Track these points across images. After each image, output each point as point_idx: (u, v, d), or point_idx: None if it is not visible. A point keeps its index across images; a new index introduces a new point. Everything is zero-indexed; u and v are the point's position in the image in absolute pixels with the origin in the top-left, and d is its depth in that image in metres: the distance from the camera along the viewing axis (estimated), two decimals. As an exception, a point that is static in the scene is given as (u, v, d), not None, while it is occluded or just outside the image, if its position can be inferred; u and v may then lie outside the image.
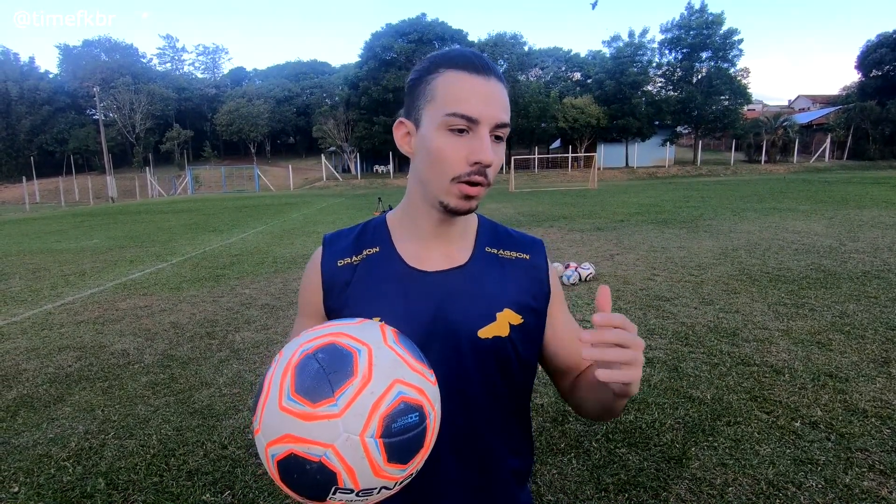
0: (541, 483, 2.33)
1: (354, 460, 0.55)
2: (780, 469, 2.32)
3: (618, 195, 19.70)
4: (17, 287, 6.91)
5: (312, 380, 0.57)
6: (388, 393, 0.57)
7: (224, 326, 4.79)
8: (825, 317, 4.34)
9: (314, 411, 0.55)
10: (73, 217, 20.19)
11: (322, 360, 0.58)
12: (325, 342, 0.61)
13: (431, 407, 0.62)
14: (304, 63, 66.35)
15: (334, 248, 0.89)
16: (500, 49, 42.14)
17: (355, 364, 0.58)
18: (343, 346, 0.60)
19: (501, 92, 0.76)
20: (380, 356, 0.60)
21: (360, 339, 0.61)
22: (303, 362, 0.59)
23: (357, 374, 0.57)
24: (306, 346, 0.61)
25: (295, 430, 0.56)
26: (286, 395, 0.57)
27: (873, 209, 11.43)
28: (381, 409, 0.56)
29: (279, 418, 0.57)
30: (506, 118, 0.76)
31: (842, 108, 41.48)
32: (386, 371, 0.59)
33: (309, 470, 0.56)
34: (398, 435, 0.57)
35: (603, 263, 6.85)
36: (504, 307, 0.84)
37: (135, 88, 50.43)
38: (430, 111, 0.76)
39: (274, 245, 9.91)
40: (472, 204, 0.78)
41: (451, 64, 0.75)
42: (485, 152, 0.73)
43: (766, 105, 66.43)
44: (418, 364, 0.63)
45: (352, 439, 0.55)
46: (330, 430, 0.55)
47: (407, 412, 0.58)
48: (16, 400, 3.39)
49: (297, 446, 0.56)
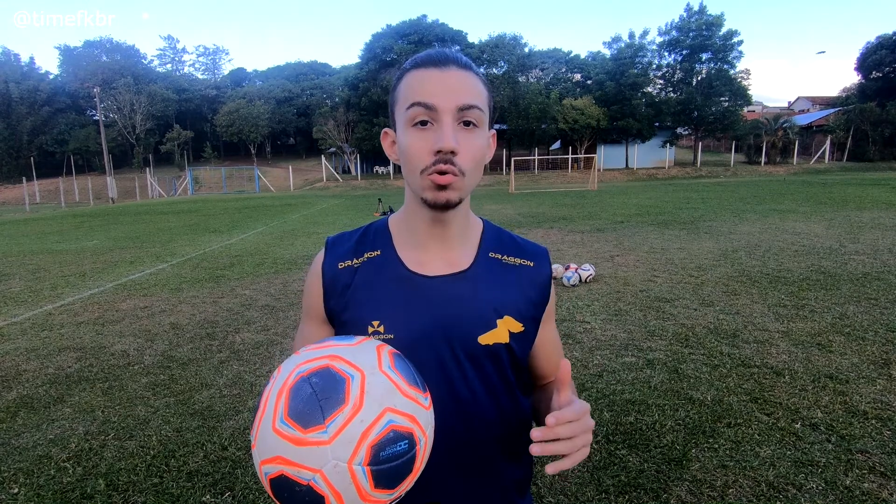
0: (541, 485, 2.33)
1: (342, 486, 0.57)
2: (781, 471, 2.32)
3: (618, 196, 19.71)
4: (17, 288, 6.91)
5: (304, 404, 0.58)
6: (378, 421, 0.58)
7: (224, 327, 4.79)
8: (825, 318, 4.34)
9: (304, 437, 0.57)
10: (74, 218, 20.19)
11: (315, 384, 0.60)
12: (320, 365, 0.62)
13: (423, 433, 0.63)
14: (305, 64, 66.41)
15: (336, 251, 0.89)
16: (501, 50, 42.13)
17: (347, 391, 0.59)
18: (337, 372, 0.61)
19: (462, 78, 0.75)
20: (372, 383, 0.61)
21: (355, 363, 0.62)
22: (297, 385, 0.60)
23: (348, 401, 0.58)
24: (302, 367, 0.62)
25: (286, 454, 0.57)
26: (279, 417, 0.59)
27: (873, 210, 11.43)
28: (370, 438, 0.58)
29: (272, 439, 0.59)
30: (470, 100, 0.74)
31: (842, 110, 41.47)
32: (377, 399, 0.59)
33: (298, 492, 0.57)
34: (386, 462, 0.58)
35: (603, 265, 6.86)
36: (505, 314, 0.83)
37: (136, 89, 50.43)
38: (399, 113, 0.77)
39: (274, 246, 9.91)
40: (448, 195, 0.75)
41: (414, 65, 0.77)
42: (444, 139, 0.72)
43: (766, 106, 66.48)
44: (411, 389, 0.64)
45: (340, 466, 0.56)
46: (319, 456, 0.56)
47: (396, 440, 0.59)
48: (16, 401, 3.38)
49: (288, 469, 0.57)
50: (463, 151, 0.74)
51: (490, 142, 0.83)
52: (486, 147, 0.79)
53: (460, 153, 0.73)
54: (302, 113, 56.55)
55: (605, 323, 4.51)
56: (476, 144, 0.76)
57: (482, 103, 0.76)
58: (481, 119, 0.76)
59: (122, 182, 41.25)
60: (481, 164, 0.78)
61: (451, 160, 0.73)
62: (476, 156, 0.76)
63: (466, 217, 0.87)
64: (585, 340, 4.10)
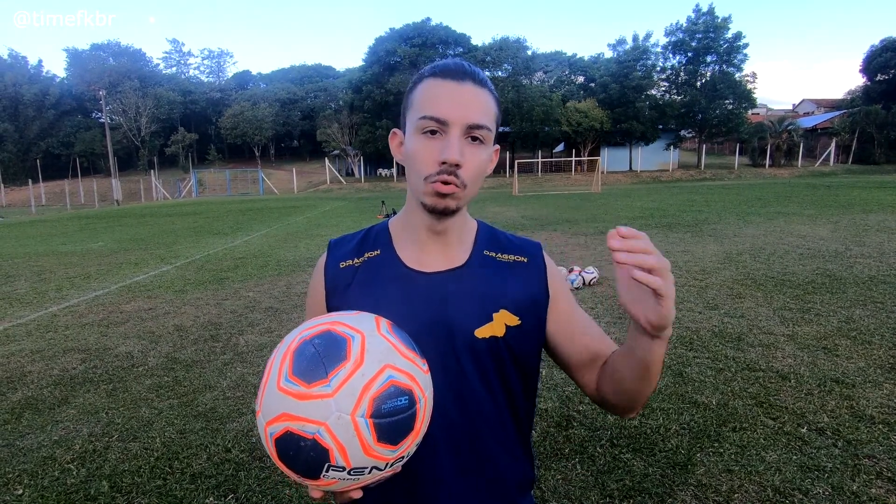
0: (545, 488, 2.32)
1: (346, 438, 0.58)
2: (787, 476, 2.30)
3: (621, 199, 19.68)
4: (22, 289, 6.94)
5: (308, 363, 0.61)
6: (379, 376, 0.61)
7: (228, 329, 4.80)
8: (831, 322, 4.31)
9: (308, 391, 0.59)
10: (79, 220, 20.30)
11: (318, 345, 0.62)
12: (321, 329, 0.65)
13: (422, 393, 0.65)
14: (309, 67, 66.68)
15: (337, 252, 0.93)
16: (504, 53, 42.20)
17: (349, 349, 0.61)
18: (338, 333, 0.64)
19: (477, 95, 0.78)
20: (372, 342, 0.63)
21: (355, 327, 0.65)
22: (300, 347, 0.63)
23: (350, 358, 0.61)
24: (304, 333, 0.65)
25: (291, 409, 0.59)
26: (284, 376, 0.61)
27: (879, 213, 11.36)
28: (372, 391, 0.60)
29: (277, 398, 0.61)
30: (479, 119, 0.77)
31: (847, 112, 41.32)
32: (377, 356, 0.62)
33: (303, 447, 0.59)
34: (388, 416, 0.60)
35: (607, 268, 6.83)
36: (501, 308, 0.85)
37: (142, 92, 50.73)
38: (410, 118, 0.81)
39: (278, 248, 9.93)
40: (448, 203, 0.78)
41: (431, 73, 0.80)
42: (450, 151, 0.75)
43: (771, 109, 66.35)
44: (409, 352, 0.66)
45: (343, 418, 0.58)
46: (323, 408, 0.58)
47: (396, 395, 0.61)
48: (20, 402, 3.40)
49: (293, 424, 0.59)
50: (467, 165, 0.77)
51: (493, 155, 0.87)
52: (488, 161, 0.83)
53: (464, 167, 0.77)
54: (306, 115, 56.74)
55: (609, 326, 4.50)
56: (480, 159, 0.79)
57: (491, 122, 0.80)
58: (488, 137, 0.80)
59: (127, 184, 41.47)
60: (482, 176, 0.82)
61: (455, 172, 0.76)
62: (478, 169, 0.80)
63: (464, 219, 0.90)
64: (589, 343, 4.08)
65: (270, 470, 2.53)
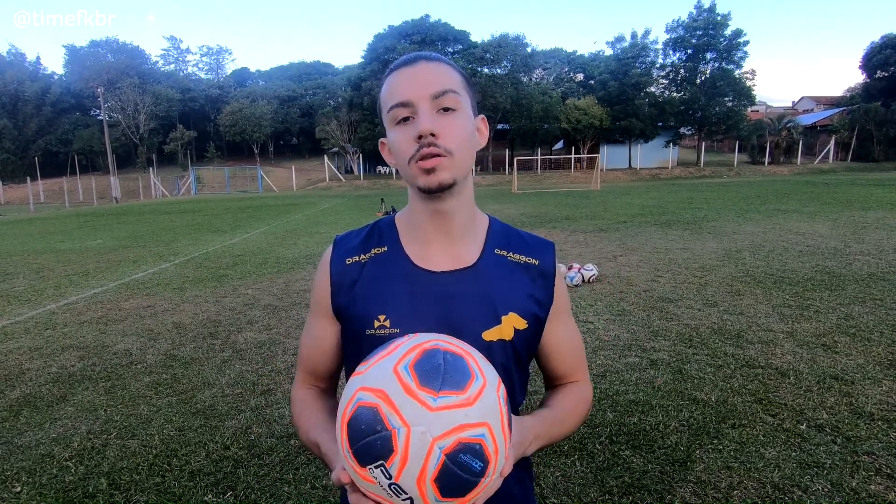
0: (544, 485, 2.32)
1: (415, 454, 0.57)
2: (786, 472, 2.30)
3: (621, 196, 19.67)
4: (20, 287, 6.93)
5: (431, 369, 0.60)
6: (476, 428, 0.59)
7: (226, 327, 4.79)
8: (830, 319, 4.31)
9: (416, 391, 0.58)
10: (77, 217, 20.27)
11: (447, 360, 0.62)
12: (458, 352, 0.65)
13: (494, 471, 0.62)
14: (308, 64, 66.49)
15: (343, 248, 0.91)
16: (504, 50, 42.08)
17: (469, 385, 0.61)
18: (468, 367, 0.63)
19: (432, 68, 0.78)
20: (489, 395, 0.62)
21: (484, 372, 0.64)
22: (432, 351, 0.63)
23: (465, 393, 0.60)
24: (441, 343, 0.66)
25: (392, 393, 0.59)
26: (405, 364, 0.61)
27: (878, 211, 11.37)
28: (462, 435, 0.58)
29: (387, 375, 0.60)
30: (441, 87, 0.76)
31: (846, 110, 41.33)
32: (485, 410, 0.61)
33: (378, 431, 0.58)
34: (458, 467, 0.58)
35: (606, 265, 6.83)
36: (510, 311, 0.84)
37: (140, 89, 50.59)
38: (385, 118, 0.81)
39: (277, 246, 9.92)
40: (439, 176, 0.76)
41: (389, 70, 0.81)
42: (421, 124, 0.74)
43: (770, 106, 66.24)
44: (508, 429, 0.65)
45: (426, 436, 0.57)
46: (417, 414, 0.57)
47: (477, 456, 0.59)
48: (19, 399, 3.39)
49: (385, 406, 0.58)
50: (444, 133, 0.76)
51: (481, 126, 0.85)
52: (470, 128, 0.80)
53: (441, 135, 0.75)
54: (305, 113, 56.60)
55: (609, 323, 4.50)
56: (457, 124, 0.77)
57: (456, 87, 0.78)
58: (458, 102, 0.78)
59: (126, 182, 41.37)
60: (468, 144, 0.80)
61: (434, 143, 0.75)
62: (461, 135, 0.78)
63: (471, 211, 0.87)
64: (589, 341, 4.09)
65: (269, 467, 2.53)
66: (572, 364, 0.95)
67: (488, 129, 0.87)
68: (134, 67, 55.56)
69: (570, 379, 0.95)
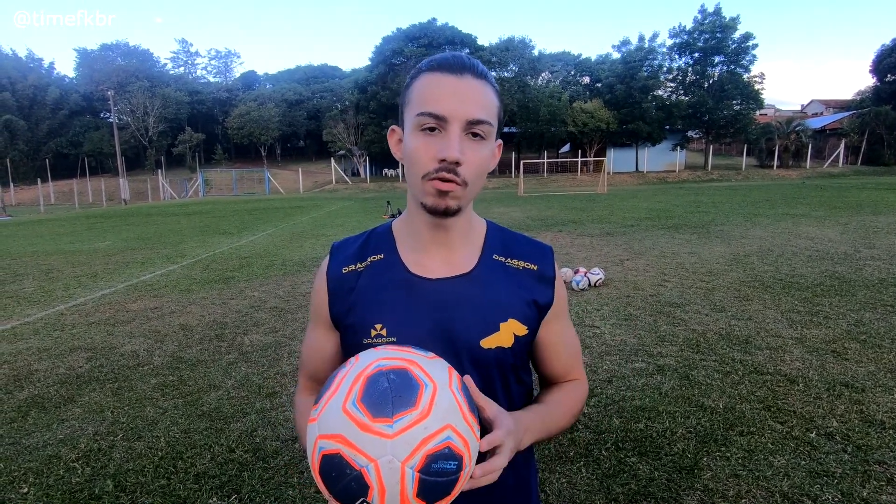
0: (549, 492, 2.30)
1: (389, 483, 0.59)
2: (795, 481, 2.27)
3: (628, 200, 19.59)
4: (30, 288, 6.99)
5: (378, 396, 0.61)
6: (439, 434, 0.60)
7: (233, 329, 4.81)
8: (840, 325, 4.26)
9: (371, 424, 0.59)
10: (86, 219, 20.46)
11: (392, 381, 0.62)
12: (399, 366, 0.65)
13: (470, 461, 0.64)
14: (315, 67, 66.87)
15: (340, 256, 0.90)
16: (510, 53, 42.14)
17: (419, 396, 0.61)
18: (414, 377, 0.63)
19: (477, 88, 0.75)
20: (442, 397, 0.63)
21: (430, 374, 0.65)
22: (375, 376, 0.63)
23: (418, 406, 0.61)
24: (382, 362, 0.65)
25: (349, 435, 0.60)
26: (352, 400, 0.61)
27: (889, 215, 11.25)
28: (429, 447, 0.60)
29: (339, 418, 0.61)
30: (479, 115, 0.74)
31: (856, 113, 40.94)
32: (443, 413, 0.62)
33: (348, 475, 0.59)
34: (434, 475, 0.60)
35: (613, 269, 6.80)
36: (509, 318, 0.83)
37: (150, 92, 51.08)
38: (408, 114, 0.77)
39: (283, 248, 9.95)
40: (448, 202, 0.76)
41: (429, 67, 0.76)
42: (450, 149, 0.72)
43: (779, 110, 65.85)
44: (471, 417, 0.66)
45: (394, 463, 0.58)
46: (379, 447, 0.59)
47: (449, 458, 0.61)
48: (27, 400, 3.41)
49: (347, 450, 0.59)
50: (467, 162, 0.74)
51: (496, 151, 0.84)
52: (490, 157, 0.79)
53: (465, 164, 0.74)
54: (312, 116, 56.91)
55: (615, 328, 4.47)
56: (481, 155, 0.76)
57: (492, 117, 0.76)
58: (489, 132, 0.77)
59: (135, 184, 41.74)
60: (484, 173, 0.79)
61: (455, 170, 0.73)
62: (480, 167, 0.77)
63: (469, 220, 0.87)
64: (595, 345, 4.06)
65: (274, 471, 2.53)
66: (568, 364, 0.94)
67: (500, 153, 0.86)
68: (144, 70, 56.15)
69: (567, 378, 0.95)
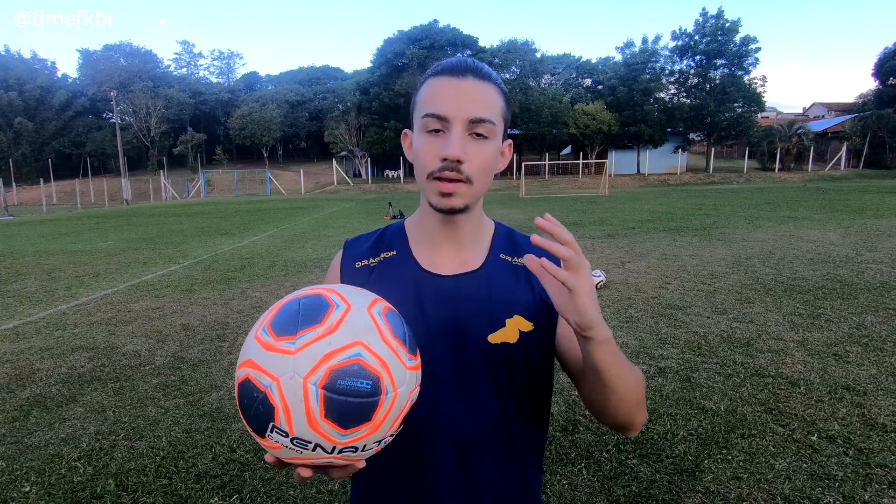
0: (550, 493, 2.30)
1: (293, 402, 0.57)
2: (797, 484, 2.27)
3: (629, 202, 19.58)
4: (32, 287, 7.01)
5: (287, 318, 0.61)
6: (346, 350, 0.58)
7: (234, 329, 4.82)
8: (842, 328, 4.26)
9: (275, 344, 0.59)
10: (89, 219, 20.50)
11: (303, 304, 0.62)
12: (314, 292, 0.65)
13: (392, 386, 0.60)
14: (317, 68, 66.96)
15: (353, 251, 0.93)
16: (512, 55, 42.19)
17: (328, 315, 0.60)
18: (326, 300, 0.63)
19: (478, 89, 0.77)
20: (355, 316, 0.61)
21: (346, 298, 0.64)
22: (288, 304, 0.64)
23: (324, 323, 0.60)
24: (299, 292, 0.66)
25: (256, 357, 0.60)
26: (263, 326, 0.62)
27: (891, 218, 11.23)
28: (333, 362, 0.58)
29: (251, 344, 0.62)
30: (481, 114, 0.76)
31: (858, 116, 40.87)
32: (353, 331, 0.60)
33: (255, 398, 0.59)
34: (342, 394, 0.57)
35: (614, 271, 6.80)
36: (514, 314, 0.84)
37: (153, 93, 51.23)
38: (416, 118, 0.81)
39: (285, 249, 9.97)
40: (452, 202, 0.77)
41: (435, 72, 0.80)
42: (452, 147, 0.74)
43: (781, 112, 65.80)
44: (395, 341, 0.63)
45: (296, 379, 0.57)
46: (281, 364, 0.58)
47: (358, 375, 0.58)
48: (29, 399, 3.42)
49: (253, 372, 0.59)
50: (470, 160, 0.76)
51: (506, 150, 0.85)
52: (496, 155, 0.81)
53: (468, 161, 0.76)
54: (314, 117, 57.01)
55: (616, 330, 4.47)
56: (485, 153, 0.78)
57: (495, 116, 0.78)
58: (492, 131, 0.78)
59: (137, 184, 41.84)
60: (490, 171, 0.80)
61: (458, 168, 0.75)
62: (484, 164, 0.78)
63: (479, 219, 0.89)
64: (596, 347, 4.06)
65: (275, 471, 2.53)
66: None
67: (511, 152, 0.88)
68: (147, 71, 56.33)
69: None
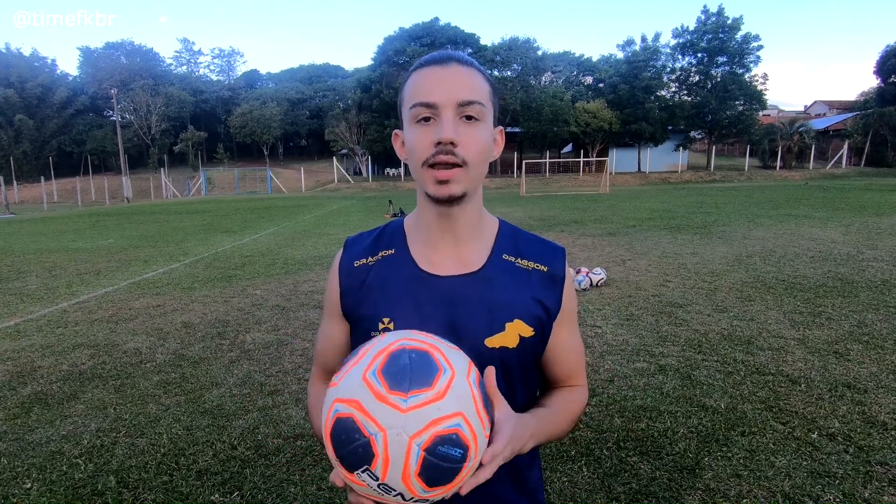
0: (551, 491, 2.31)
1: (395, 455, 0.60)
2: (797, 481, 2.27)
3: (630, 200, 19.56)
4: (33, 285, 7.02)
5: (398, 370, 0.63)
6: (450, 419, 0.62)
7: (235, 327, 4.82)
8: (843, 326, 4.25)
9: (387, 395, 0.61)
10: (90, 217, 20.52)
11: (413, 359, 0.64)
12: (421, 347, 0.67)
13: (475, 455, 0.64)
14: (318, 66, 66.93)
15: (353, 250, 0.92)
16: (514, 53, 42.08)
17: (437, 379, 0.63)
18: (434, 360, 0.65)
19: (463, 74, 0.77)
20: (458, 384, 0.64)
21: (450, 361, 0.66)
22: (398, 353, 0.65)
23: (434, 387, 0.62)
24: (405, 342, 0.68)
25: (364, 402, 0.62)
26: (373, 370, 0.64)
27: (892, 217, 11.22)
28: (438, 428, 0.61)
29: (358, 385, 0.63)
30: (469, 96, 0.76)
31: (860, 114, 40.79)
32: (457, 400, 0.63)
33: (356, 440, 0.61)
34: (439, 459, 0.61)
35: (614, 269, 6.80)
36: (515, 318, 0.83)
37: (154, 91, 51.18)
38: (404, 112, 0.80)
39: (285, 247, 9.97)
40: (450, 189, 0.77)
41: (418, 65, 0.80)
42: (444, 131, 0.74)
43: (782, 110, 65.69)
44: (483, 412, 0.67)
45: (402, 437, 0.60)
46: (392, 418, 0.60)
47: (455, 444, 0.62)
48: (30, 397, 3.43)
49: (360, 415, 0.61)
50: (464, 143, 0.75)
51: (498, 138, 0.84)
52: (489, 140, 0.80)
53: (461, 144, 0.75)
54: (314, 115, 56.95)
55: (617, 328, 4.47)
56: (478, 136, 0.77)
57: (483, 98, 0.78)
58: (483, 113, 0.77)
59: (138, 182, 41.85)
60: (485, 156, 0.80)
61: (452, 151, 0.75)
62: (479, 147, 0.77)
63: (479, 214, 0.87)
64: (596, 345, 4.06)
65: (276, 468, 2.53)
66: (572, 370, 0.94)
67: (503, 140, 0.87)
68: (147, 69, 56.25)
69: (569, 383, 0.94)
